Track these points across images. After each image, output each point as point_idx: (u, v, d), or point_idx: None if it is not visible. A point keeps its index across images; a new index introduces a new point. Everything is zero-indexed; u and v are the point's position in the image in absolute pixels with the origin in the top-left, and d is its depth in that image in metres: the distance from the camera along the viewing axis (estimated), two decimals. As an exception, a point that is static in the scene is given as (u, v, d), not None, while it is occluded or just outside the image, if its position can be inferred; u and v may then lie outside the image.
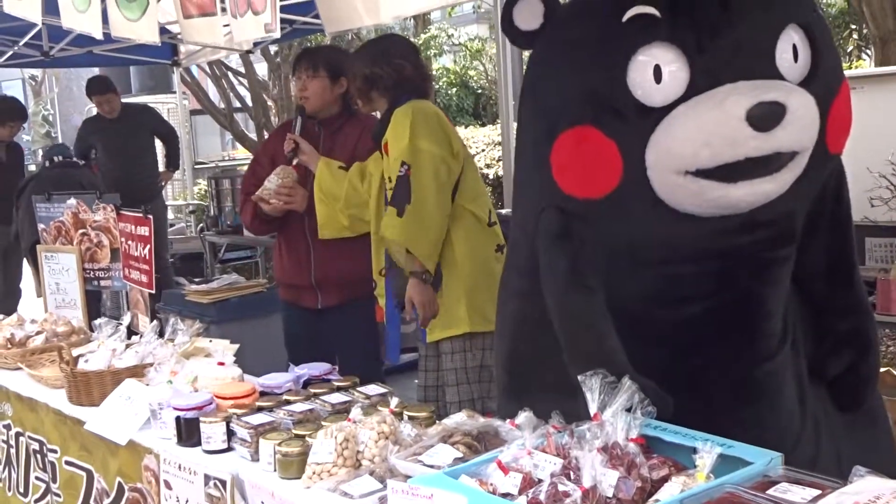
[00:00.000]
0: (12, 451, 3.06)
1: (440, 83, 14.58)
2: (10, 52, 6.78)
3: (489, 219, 3.22)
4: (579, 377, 1.92)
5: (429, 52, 13.20)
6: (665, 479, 1.72)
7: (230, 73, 12.55)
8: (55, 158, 6.01)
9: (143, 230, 3.22)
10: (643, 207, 1.93)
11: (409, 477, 1.86)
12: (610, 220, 1.98)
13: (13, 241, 6.72)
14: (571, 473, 1.72)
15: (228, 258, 7.12)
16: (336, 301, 3.62)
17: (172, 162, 7.65)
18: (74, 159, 6.09)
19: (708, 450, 1.68)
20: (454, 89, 14.84)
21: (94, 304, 4.50)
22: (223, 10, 2.46)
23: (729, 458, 1.71)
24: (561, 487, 1.66)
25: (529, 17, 2.02)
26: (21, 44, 6.51)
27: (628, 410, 1.83)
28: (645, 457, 1.76)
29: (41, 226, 3.75)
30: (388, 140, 3.10)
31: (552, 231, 2.05)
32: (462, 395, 3.15)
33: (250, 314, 4.86)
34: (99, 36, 2.99)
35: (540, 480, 1.71)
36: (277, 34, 2.23)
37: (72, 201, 3.59)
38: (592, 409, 1.87)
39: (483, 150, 9.30)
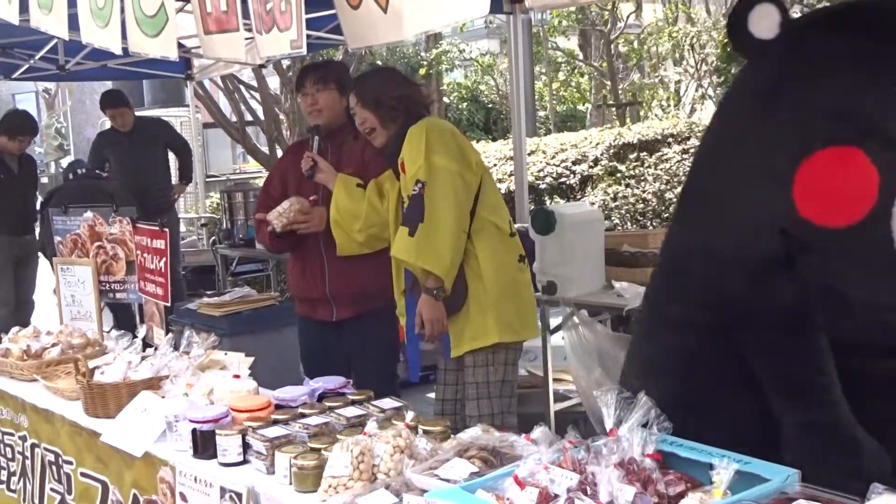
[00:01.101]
0: (27, 462, 3.08)
1: (451, 98, 14.63)
2: (26, 66, 6.84)
3: (510, 229, 3.19)
4: (595, 392, 1.93)
5: (440, 68, 13.24)
6: (682, 496, 1.72)
7: (242, 87, 12.61)
8: (79, 171, 6.03)
9: (159, 243, 3.23)
10: (882, 246, 1.77)
11: (424, 491, 1.86)
12: (843, 253, 1.83)
13: (27, 251, 6.78)
14: (588, 489, 1.72)
15: (240, 271, 7.14)
16: (351, 313, 3.60)
17: (185, 175, 7.68)
18: (98, 171, 6.10)
19: (725, 466, 1.68)
20: (465, 104, 14.90)
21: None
22: (245, 26, 2.48)
23: (746, 475, 1.71)
24: (578, 503, 1.66)
25: (768, 25, 1.94)
26: (37, 57, 6.56)
27: (644, 426, 1.84)
28: (661, 472, 1.77)
29: (57, 238, 3.77)
30: (404, 159, 3.09)
31: (775, 257, 1.87)
32: (482, 410, 3.11)
33: (262, 327, 4.86)
34: (118, 51, 3.01)
35: (556, 495, 1.72)
36: (304, 51, 2.23)
37: (88, 214, 3.62)
38: (608, 424, 1.88)
39: (494, 165, 9.30)
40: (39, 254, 6.68)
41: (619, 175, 6.10)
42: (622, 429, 1.84)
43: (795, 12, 10.59)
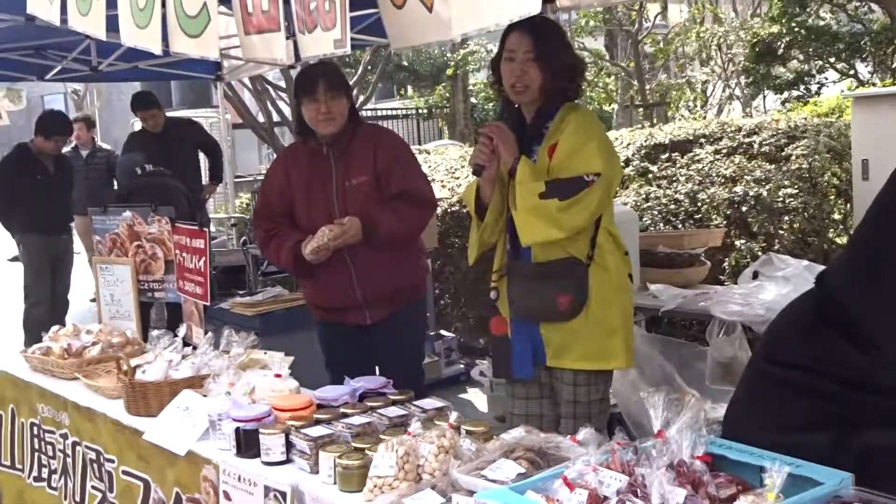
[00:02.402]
0: (69, 460, 3.10)
1: (478, 98, 14.62)
2: (59, 67, 6.90)
3: (625, 247, 3.00)
4: (642, 394, 1.92)
5: (467, 68, 13.23)
6: (733, 499, 1.71)
7: (270, 88, 12.66)
8: (146, 167, 6.00)
9: (199, 242, 3.25)
10: None
11: (472, 492, 1.86)
12: None
13: (63, 251, 6.85)
14: (638, 491, 1.72)
15: (270, 271, 7.15)
16: (385, 314, 3.54)
17: (216, 175, 7.73)
18: (162, 168, 6.09)
19: (777, 469, 1.67)
20: (491, 104, 14.87)
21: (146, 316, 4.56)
22: (287, 26, 2.48)
23: (798, 478, 1.69)
24: (628, 504, 1.66)
25: None
26: (70, 58, 6.63)
27: (693, 428, 1.82)
28: (711, 475, 1.75)
29: (96, 238, 3.80)
30: (566, 141, 2.82)
31: None
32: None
33: (294, 326, 4.88)
34: (158, 52, 3.02)
35: (606, 497, 1.71)
36: (348, 50, 2.24)
37: (127, 214, 3.64)
38: (656, 425, 1.87)
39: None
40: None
41: (650, 176, 6.07)
42: (671, 431, 1.83)
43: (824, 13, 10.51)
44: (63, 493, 3.16)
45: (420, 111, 17.02)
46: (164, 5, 2.88)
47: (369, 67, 12.69)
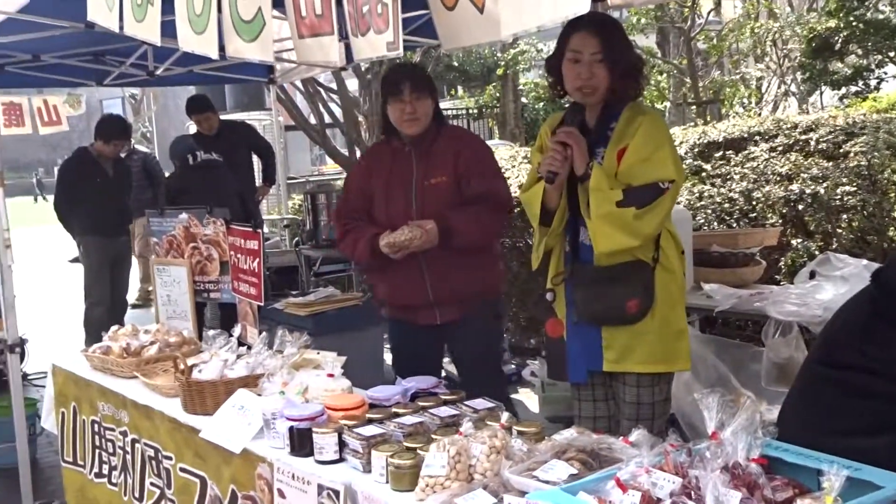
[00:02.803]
0: (128, 457, 3.17)
1: (528, 98, 14.57)
2: (117, 73, 7.04)
3: (682, 246, 2.94)
4: (696, 395, 1.90)
5: (517, 68, 13.19)
6: (789, 502, 1.69)
7: (322, 90, 12.77)
8: (197, 155, 6.02)
9: (253, 244, 3.30)
10: None
11: (524, 492, 1.86)
12: None
13: (121, 252, 7.00)
14: (692, 493, 1.70)
15: (323, 271, 7.22)
16: (455, 316, 3.56)
17: (269, 177, 7.83)
18: (216, 156, 6.10)
19: (835, 472, 1.64)
20: (541, 104, 14.82)
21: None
22: (339, 29, 2.50)
23: (857, 482, 1.66)
24: (682, 507, 1.64)
25: None
26: (127, 64, 6.76)
27: (748, 430, 1.80)
28: (767, 478, 1.73)
29: (154, 239, 3.88)
30: (638, 146, 2.76)
31: None
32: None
33: (347, 327, 4.93)
34: (215, 56, 3.07)
35: (659, 499, 1.70)
36: (401, 52, 2.25)
37: (183, 215, 3.72)
38: (710, 427, 1.85)
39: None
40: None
41: (704, 174, 5.99)
42: (725, 432, 1.81)
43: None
44: (123, 489, 3.23)
45: (470, 111, 17.01)
46: (219, 10, 2.92)
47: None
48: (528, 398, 5.44)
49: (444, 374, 3.92)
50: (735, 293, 3.92)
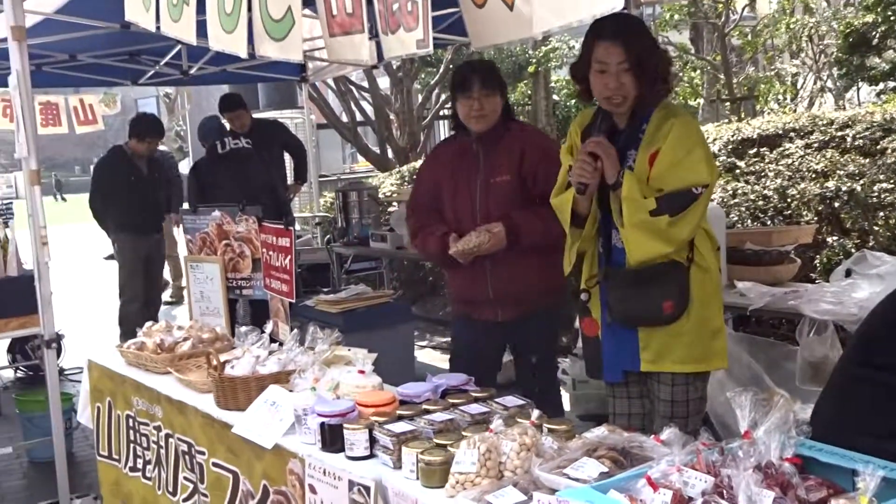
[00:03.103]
0: (162, 451, 3.20)
1: (560, 95, 14.50)
2: (152, 72, 7.12)
3: (717, 242, 2.93)
4: (729, 394, 1.89)
5: (549, 65, 13.14)
6: (823, 502, 1.67)
7: (353, 88, 12.83)
8: (227, 141, 6.01)
9: (284, 241, 3.32)
10: None
11: (554, 490, 1.86)
12: None
13: (156, 250, 7.07)
14: (724, 492, 1.69)
15: (354, 269, 7.26)
16: (516, 314, 3.58)
17: (301, 175, 7.87)
18: (244, 143, 6.11)
19: (870, 472, 1.62)
20: (573, 101, 14.73)
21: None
22: (370, 27, 2.51)
23: (893, 483, 1.64)
24: (714, 506, 1.63)
25: None
26: (162, 63, 6.83)
27: (781, 429, 1.78)
28: (801, 478, 1.71)
29: (187, 237, 3.92)
30: (670, 150, 2.73)
31: None
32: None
33: (377, 324, 4.95)
34: (244, 55, 3.10)
35: (691, 498, 1.69)
36: (430, 49, 2.25)
37: (216, 213, 3.75)
38: (743, 426, 1.83)
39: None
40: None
41: (737, 171, 5.93)
42: (758, 431, 1.79)
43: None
44: (157, 482, 3.26)
45: (502, 109, 16.89)
46: (249, 9, 2.94)
47: (451, 66, 12.74)
48: (559, 396, 5.42)
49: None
50: (769, 291, 3.88)
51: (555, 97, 14.42)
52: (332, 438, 2.39)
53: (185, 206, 6.36)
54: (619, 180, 2.72)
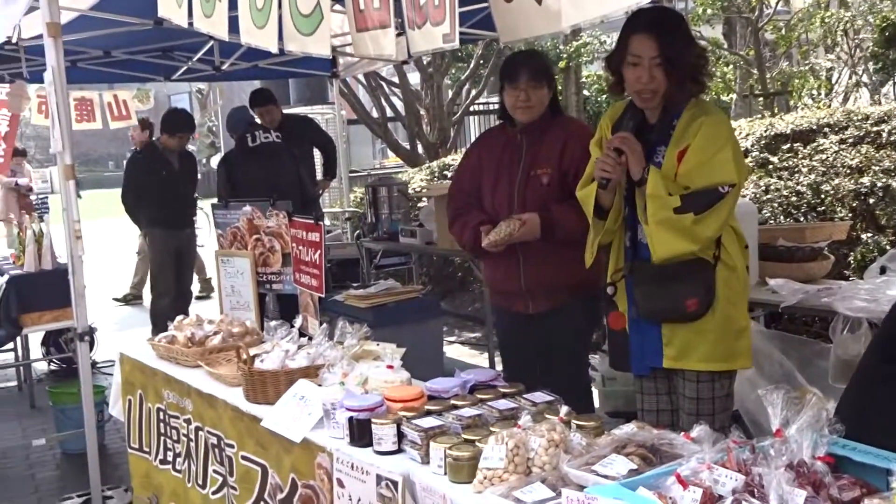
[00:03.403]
0: (192, 444, 3.23)
1: (591, 90, 14.43)
2: (185, 68, 7.18)
3: (745, 240, 2.90)
4: (760, 391, 1.86)
5: (580, 60, 13.06)
6: (857, 502, 1.64)
7: (384, 83, 12.84)
8: (257, 134, 6.12)
9: (314, 236, 3.33)
10: None
11: (582, 486, 1.84)
12: None
13: (186, 244, 7.13)
14: (755, 491, 1.67)
15: (384, 264, 7.27)
16: (547, 307, 3.58)
17: (330, 171, 7.90)
18: (273, 136, 6.22)
19: (906, 472, 1.59)
20: (604, 96, 14.65)
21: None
22: (399, 23, 2.51)
23: (928, 482, 1.61)
24: (745, 504, 1.61)
25: None
26: (195, 59, 6.89)
27: (814, 428, 1.76)
28: (833, 477, 1.69)
29: (218, 231, 3.94)
30: (699, 148, 2.70)
31: None
32: None
33: (407, 319, 4.95)
34: (275, 50, 3.11)
35: (721, 497, 1.67)
36: (457, 44, 2.25)
37: (247, 208, 3.77)
38: (774, 424, 1.81)
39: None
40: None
41: (770, 167, 5.87)
42: (790, 430, 1.77)
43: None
44: (187, 475, 3.29)
45: (532, 104, 16.83)
46: (280, 5, 2.95)
47: (481, 62, 12.71)
48: (588, 393, 5.40)
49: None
50: (802, 288, 3.83)
51: (585, 92, 14.34)
52: (360, 433, 2.39)
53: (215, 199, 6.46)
54: (644, 176, 2.70)
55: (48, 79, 3.97)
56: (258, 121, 7.35)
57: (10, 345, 6.20)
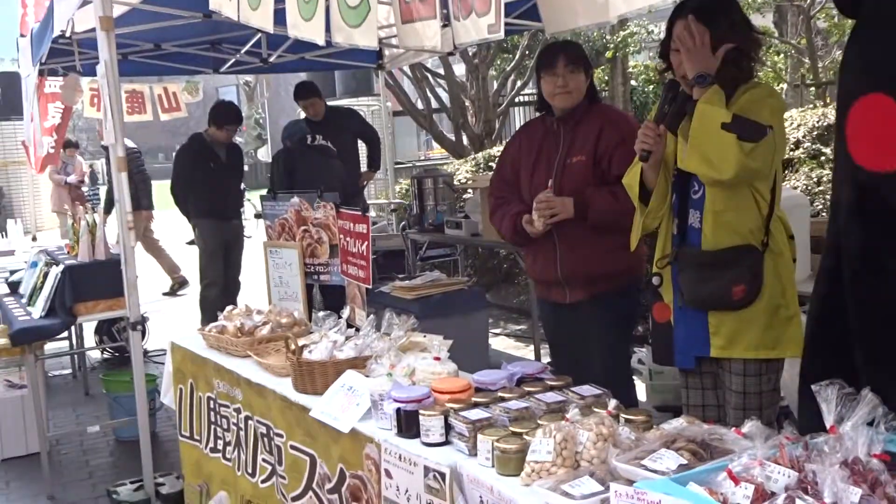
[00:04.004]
0: (241, 433, 3.27)
1: (638, 80, 14.30)
2: (233, 60, 7.25)
3: (790, 231, 2.88)
4: (813, 387, 1.83)
5: (627, 50, 12.95)
6: (914, 500, 1.61)
7: (429, 75, 12.84)
8: (317, 138, 6.44)
9: (361, 228, 3.35)
10: None
11: (632, 481, 1.83)
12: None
13: (234, 235, 7.21)
14: (808, 488, 1.64)
15: (429, 255, 7.29)
16: (584, 296, 3.60)
17: (374, 163, 7.92)
18: (329, 144, 6.56)
19: (966, 470, 1.56)
20: (651, 87, 14.52)
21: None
22: (444, 14, 2.51)
23: None
24: (799, 502, 1.59)
25: None
26: (243, 52, 6.95)
27: (870, 424, 1.73)
28: (890, 475, 1.66)
29: (266, 222, 3.98)
30: (745, 102, 2.68)
31: (847, 205, 2.01)
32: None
33: (452, 311, 4.97)
34: (322, 42, 3.12)
35: (773, 493, 1.65)
36: (502, 35, 2.24)
37: (295, 199, 3.80)
38: (829, 420, 1.78)
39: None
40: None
41: (822, 158, 5.76)
42: (844, 426, 1.74)
43: None
44: (236, 464, 3.33)
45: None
46: (328, -4, 2.97)
47: (527, 52, 12.65)
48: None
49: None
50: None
51: (632, 83, 14.22)
52: (407, 424, 2.40)
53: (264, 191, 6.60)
54: (706, 77, 2.65)
55: (101, 72, 4.04)
56: (303, 115, 7.41)
57: (64, 333, 6.33)
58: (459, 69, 13.47)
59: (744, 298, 2.70)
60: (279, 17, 3.28)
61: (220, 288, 7.03)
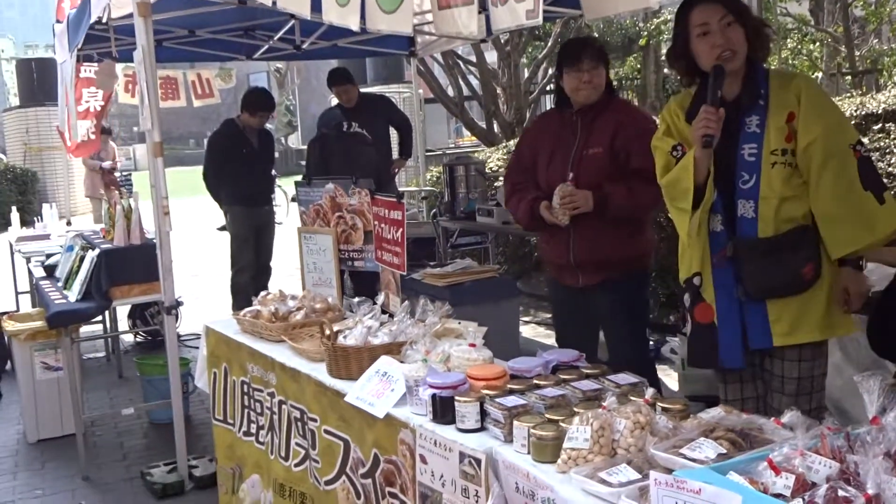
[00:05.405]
0: (275, 417, 3.29)
1: (671, 69, 14.16)
2: (266, 47, 7.27)
3: None
4: (855, 378, 1.82)
5: (660, 38, 12.84)
6: (959, 493, 1.59)
7: (461, 62, 12.80)
8: (353, 125, 6.58)
9: (396, 214, 3.35)
10: None
11: (670, 470, 1.82)
12: None
13: (266, 221, 7.26)
14: (850, 479, 1.63)
15: (460, 243, 7.30)
16: (596, 280, 3.71)
17: (406, 150, 7.93)
18: (363, 132, 6.68)
19: None
20: (684, 75, 14.36)
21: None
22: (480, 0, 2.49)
23: None
24: (841, 493, 1.57)
25: None
26: (275, 38, 6.96)
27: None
28: (934, 467, 1.64)
29: (301, 208, 4.00)
30: (806, 111, 2.66)
31: None
32: (801, 407, 2.29)
33: (483, 298, 4.96)
34: (356, 28, 3.12)
35: (815, 484, 1.64)
36: (540, 20, 2.24)
37: (329, 185, 3.81)
38: (871, 411, 1.76)
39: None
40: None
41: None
42: (887, 417, 1.72)
43: None
44: (269, 447, 3.36)
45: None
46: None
47: (559, 40, 12.57)
48: (666, 376, 5.34)
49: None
50: (894, 272, 3.71)
51: (665, 71, 14.09)
52: (443, 410, 2.41)
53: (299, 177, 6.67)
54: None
55: (138, 58, 4.07)
56: (335, 101, 7.42)
57: (98, 317, 6.40)
58: (491, 56, 13.41)
59: (813, 277, 2.70)
60: (315, 2, 3.28)
61: (251, 274, 7.08)
